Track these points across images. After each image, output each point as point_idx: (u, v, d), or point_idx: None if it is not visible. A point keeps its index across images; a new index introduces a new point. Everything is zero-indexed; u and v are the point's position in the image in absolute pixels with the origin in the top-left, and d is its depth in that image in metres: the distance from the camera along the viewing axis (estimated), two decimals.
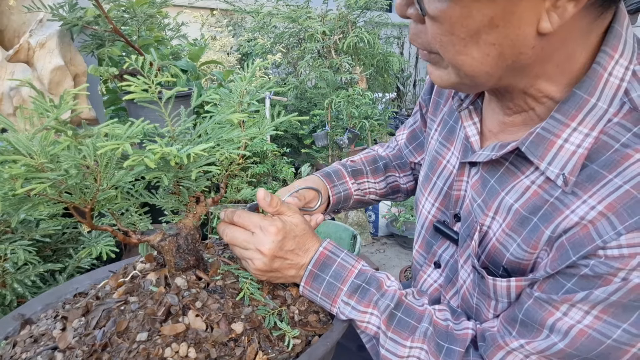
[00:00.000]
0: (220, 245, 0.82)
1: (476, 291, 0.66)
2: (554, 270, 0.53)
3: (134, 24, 1.60)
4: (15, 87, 1.40)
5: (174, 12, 2.79)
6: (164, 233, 0.65)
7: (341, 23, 2.85)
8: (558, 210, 0.53)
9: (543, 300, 0.54)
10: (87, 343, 0.56)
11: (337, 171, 0.96)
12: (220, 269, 0.70)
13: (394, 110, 4.84)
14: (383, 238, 2.90)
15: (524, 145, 0.56)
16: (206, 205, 0.67)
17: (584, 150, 0.52)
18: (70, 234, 1.20)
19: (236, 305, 0.63)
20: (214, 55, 2.99)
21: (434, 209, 0.77)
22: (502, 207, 0.61)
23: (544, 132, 0.55)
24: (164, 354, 0.55)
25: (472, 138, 0.68)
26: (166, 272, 0.66)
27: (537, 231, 0.55)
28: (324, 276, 0.66)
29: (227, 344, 0.58)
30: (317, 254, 0.67)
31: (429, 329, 0.62)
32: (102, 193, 0.53)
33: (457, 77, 0.55)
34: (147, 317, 0.59)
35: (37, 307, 0.71)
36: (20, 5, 1.45)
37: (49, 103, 0.48)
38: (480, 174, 0.66)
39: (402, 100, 6.33)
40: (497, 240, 0.61)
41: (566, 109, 0.53)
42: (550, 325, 0.53)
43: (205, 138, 0.59)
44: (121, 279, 0.68)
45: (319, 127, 3.12)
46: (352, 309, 0.64)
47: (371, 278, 0.66)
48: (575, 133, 0.53)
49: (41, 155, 0.46)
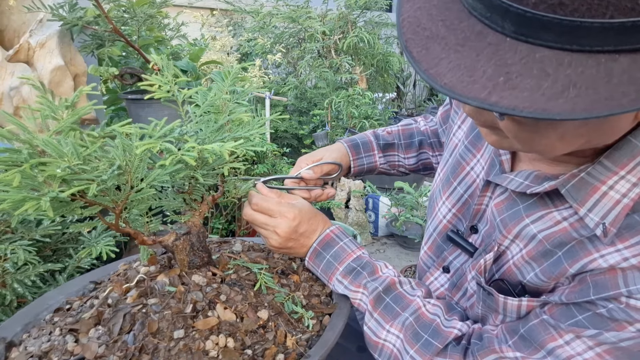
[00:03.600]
0: (214, 243, 0.84)
1: (481, 305, 0.66)
2: (570, 302, 0.52)
3: (134, 24, 1.60)
4: (15, 87, 1.39)
5: (174, 12, 2.79)
6: (177, 233, 0.66)
7: (341, 23, 2.85)
8: (586, 250, 0.51)
9: (550, 324, 0.53)
10: (120, 348, 0.56)
11: (366, 143, 0.96)
12: (230, 264, 0.72)
13: (394, 110, 4.84)
14: (383, 238, 2.90)
15: (564, 188, 0.52)
16: (208, 204, 0.68)
17: (629, 201, 0.48)
18: (70, 234, 1.20)
19: (256, 295, 0.67)
20: (214, 55, 2.99)
21: (450, 215, 0.75)
22: (525, 233, 0.58)
23: (589, 177, 0.50)
24: (205, 347, 0.57)
25: (504, 157, 0.64)
26: (177, 271, 0.67)
27: (560, 266, 0.53)
28: (325, 254, 0.72)
29: (257, 331, 0.61)
30: (323, 235, 0.73)
31: (409, 319, 0.64)
32: (135, 194, 0.53)
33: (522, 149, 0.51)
34: (175, 315, 0.59)
35: (16, 328, 0.66)
36: (20, 5, 1.45)
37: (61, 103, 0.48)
38: (508, 195, 0.62)
39: (402, 100, 6.32)
40: (515, 265, 0.60)
41: (617, 157, 0.49)
42: (550, 349, 0.53)
43: (215, 137, 0.59)
44: (126, 284, 0.68)
45: (319, 127, 3.12)
46: (345, 287, 0.70)
47: (367, 264, 0.70)
48: (622, 181, 0.48)
49: (73, 157, 0.44)
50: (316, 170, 0.85)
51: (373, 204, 2.87)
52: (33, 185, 0.43)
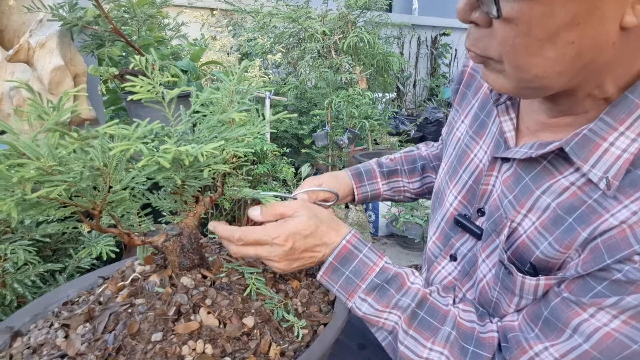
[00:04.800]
0: (216, 244, 0.83)
1: (498, 286, 0.64)
2: (586, 272, 0.52)
3: (134, 24, 1.60)
4: (15, 87, 1.39)
5: (174, 12, 2.79)
6: (167, 234, 0.65)
7: (341, 23, 2.85)
8: (597, 213, 0.53)
9: (571, 301, 0.54)
10: (98, 348, 0.56)
11: (369, 170, 0.97)
12: (224, 267, 0.70)
13: (394, 110, 4.84)
14: (383, 238, 2.90)
15: (568, 146, 0.55)
16: (204, 204, 0.67)
17: (630, 155, 0.51)
18: (70, 234, 1.20)
19: (245, 300, 0.65)
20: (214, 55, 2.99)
21: (456, 202, 0.76)
22: (538, 205, 0.60)
23: (591, 133, 0.54)
24: (181, 352, 0.55)
25: (508, 134, 0.67)
26: (169, 272, 0.66)
27: (573, 232, 0.55)
28: (343, 270, 0.65)
29: (241, 339, 0.59)
30: (340, 247, 0.66)
31: (452, 333, 0.61)
32: (112, 195, 0.53)
33: (519, 81, 0.53)
34: (158, 317, 0.59)
35: (24, 318, 0.69)
36: (20, 5, 1.45)
37: (48, 105, 0.48)
38: (513, 170, 0.64)
39: (402, 100, 6.32)
40: (528, 237, 0.60)
41: (616, 113, 0.52)
42: (574, 325, 0.53)
43: (210, 137, 0.59)
44: (120, 282, 0.68)
45: (319, 127, 3.11)
46: (369, 306, 0.64)
47: (392, 278, 0.65)
48: (622, 137, 0.52)
49: (49, 158, 0.45)
50: (312, 196, 0.86)
51: (373, 204, 2.86)
52: (7, 185, 0.43)
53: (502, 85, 0.56)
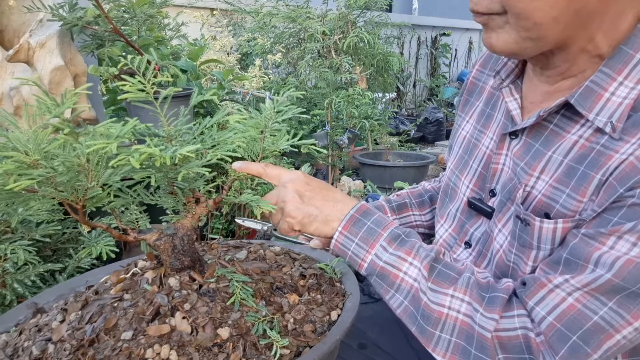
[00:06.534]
0: (224, 247, 0.82)
1: (515, 248, 0.65)
2: (601, 208, 0.54)
3: (134, 24, 1.60)
4: (15, 87, 1.39)
5: (174, 12, 2.79)
6: (161, 232, 0.65)
7: (341, 23, 2.85)
8: (606, 155, 0.56)
9: (589, 236, 0.55)
10: (76, 337, 0.57)
11: (379, 206, 0.97)
12: (216, 272, 0.68)
13: (394, 110, 4.84)
14: None
15: (572, 98, 0.59)
16: (207, 207, 0.67)
17: (630, 101, 0.55)
18: (70, 234, 1.20)
19: (225, 309, 0.62)
20: (214, 55, 2.99)
21: (468, 190, 0.78)
22: (550, 165, 0.62)
23: (593, 84, 0.58)
24: (144, 355, 0.54)
25: (514, 112, 0.70)
26: (162, 271, 0.66)
27: (587, 178, 0.57)
28: (365, 221, 0.66)
29: (211, 349, 0.57)
30: (360, 204, 0.68)
31: (471, 277, 0.62)
32: (91, 191, 0.54)
33: (520, 31, 0.57)
34: (136, 315, 0.59)
35: (50, 297, 0.74)
36: (20, 5, 1.45)
37: (51, 102, 0.49)
38: (523, 141, 0.67)
39: (402, 100, 6.32)
40: (544, 195, 0.62)
41: (613, 64, 0.57)
42: (595, 259, 0.53)
43: (199, 139, 0.59)
44: (122, 275, 0.69)
45: (319, 127, 3.12)
46: (391, 254, 0.63)
47: (411, 232, 0.67)
48: (621, 87, 0.56)
49: (35, 152, 0.47)
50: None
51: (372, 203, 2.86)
52: None
53: (504, 41, 0.59)
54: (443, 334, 0.60)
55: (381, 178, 3.06)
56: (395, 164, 3.24)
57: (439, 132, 5.32)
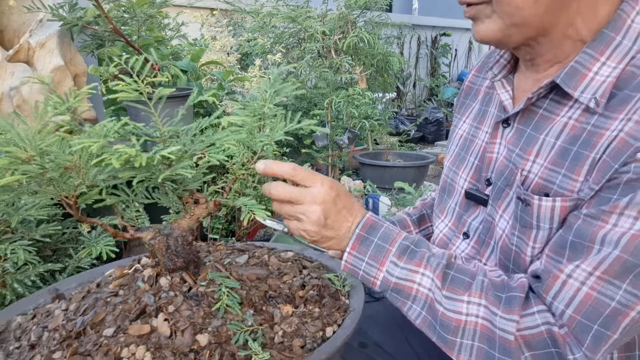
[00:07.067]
0: (229, 249, 0.81)
1: (517, 229, 0.65)
2: (598, 185, 0.56)
3: (134, 24, 1.60)
4: (15, 87, 1.39)
5: (174, 12, 2.79)
6: (157, 231, 0.65)
7: (341, 23, 2.85)
8: (597, 134, 0.58)
9: (592, 216, 0.56)
10: (67, 328, 0.58)
11: (401, 220, 0.98)
12: (208, 275, 0.67)
13: (394, 110, 4.84)
14: None
15: (559, 78, 0.62)
16: (207, 208, 0.66)
17: (613, 79, 0.59)
18: (70, 234, 1.20)
19: (208, 315, 0.61)
20: (214, 55, 2.99)
21: (466, 183, 0.80)
22: (544, 148, 0.64)
23: (577, 65, 0.61)
24: (120, 354, 0.54)
25: (506, 102, 0.73)
26: (158, 270, 0.67)
27: (581, 157, 0.59)
28: (372, 238, 0.66)
29: (187, 355, 0.56)
30: (365, 219, 0.67)
31: (485, 280, 0.62)
32: (80, 188, 0.56)
33: (505, 17, 0.61)
34: (122, 312, 0.59)
35: (72, 284, 0.77)
36: (20, 5, 1.45)
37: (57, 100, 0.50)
38: (515, 128, 0.70)
39: (402, 100, 6.32)
40: (540, 178, 0.63)
41: (595, 45, 0.61)
42: (600, 238, 0.54)
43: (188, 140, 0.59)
44: (126, 270, 0.69)
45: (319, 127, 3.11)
46: (402, 269, 0.63)
47: (419, 240, 0.67)
48: (604, 67, 0.60)
49: (31, 149, 0.49)
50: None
51: (373, 204, 2.86)
52: None
53: (492, 30, 0.63)
54: (465, 340, 0.61)
55: (381, 178, 3.06)
56: (395, 164, 3.24)
57: (439, 132, 5.33)
